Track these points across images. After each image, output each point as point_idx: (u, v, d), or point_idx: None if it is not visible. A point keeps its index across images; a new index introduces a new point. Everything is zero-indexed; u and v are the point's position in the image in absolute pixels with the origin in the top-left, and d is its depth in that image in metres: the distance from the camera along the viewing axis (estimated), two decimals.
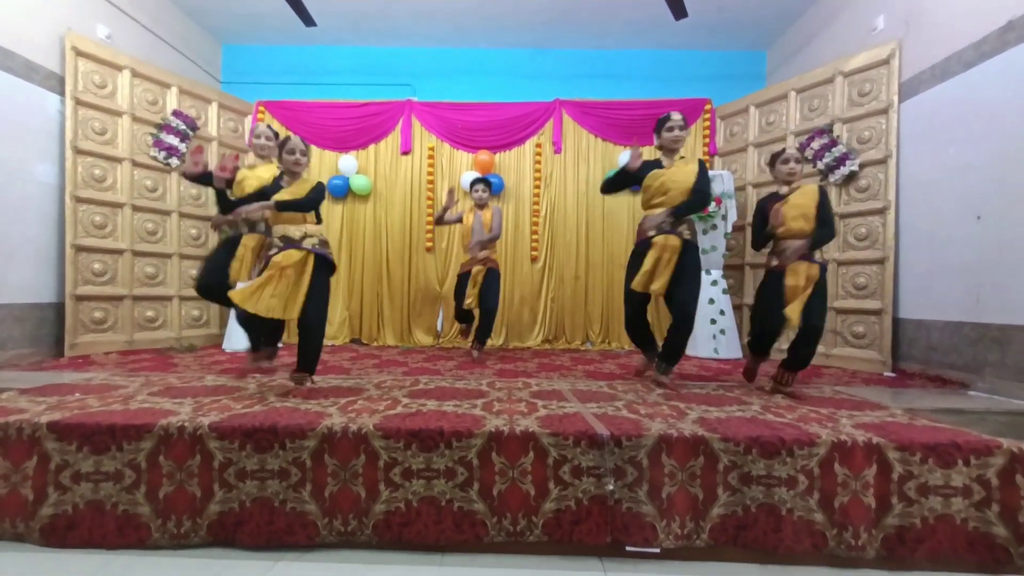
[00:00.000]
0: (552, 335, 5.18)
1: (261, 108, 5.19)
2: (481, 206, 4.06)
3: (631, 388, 2.82)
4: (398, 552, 1.83)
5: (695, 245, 2.87)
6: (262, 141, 2.95)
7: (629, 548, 1.78)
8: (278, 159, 2.63)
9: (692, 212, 2.83)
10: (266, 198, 2.51)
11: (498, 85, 5.53)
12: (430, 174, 5.20)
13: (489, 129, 5.19)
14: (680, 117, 2.87)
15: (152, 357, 3.87)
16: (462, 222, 4.10)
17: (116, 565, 1.75)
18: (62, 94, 3.79)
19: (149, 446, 1.90)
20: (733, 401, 2.50)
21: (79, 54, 3.87)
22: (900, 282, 3.67)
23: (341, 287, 5.11)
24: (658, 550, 1.78)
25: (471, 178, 4.95)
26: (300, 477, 1.88)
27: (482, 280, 3.89)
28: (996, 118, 2.95)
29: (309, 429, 1.90)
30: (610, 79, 5.55)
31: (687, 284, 2.77)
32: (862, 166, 3.87)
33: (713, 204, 4.30)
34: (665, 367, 2.90)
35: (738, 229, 4.73)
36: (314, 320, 2.51)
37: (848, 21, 4.32)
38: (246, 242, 2.84)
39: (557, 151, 5.21)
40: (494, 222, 3.95)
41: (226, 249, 2.83)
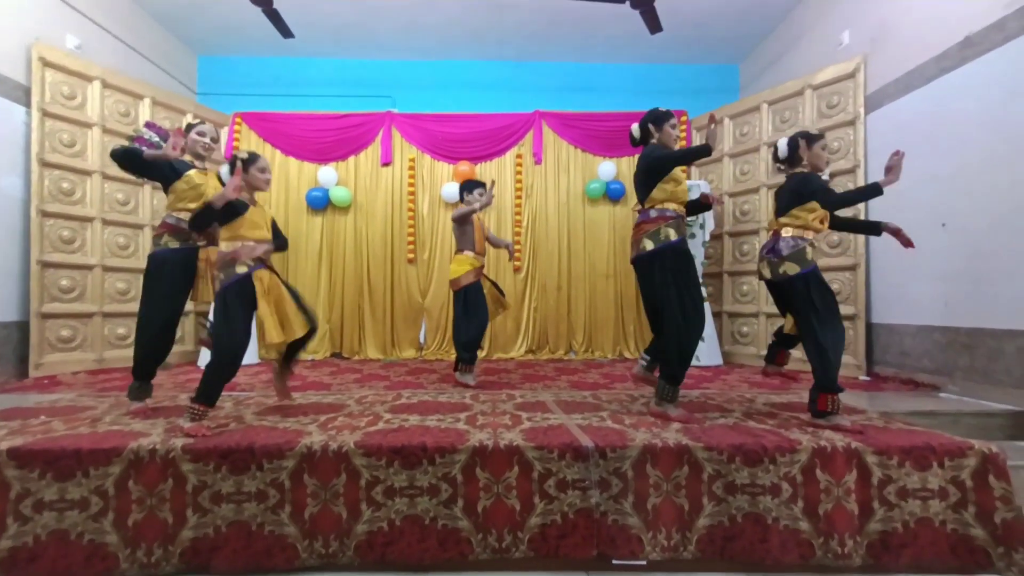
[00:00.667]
0: (535, 345, 5.17)
1: (238, 120, 5.11)
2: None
3: (615, 398, 2.82)
4: (381, 573, 1.78)
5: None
6: (206, 140, 2.62)
7: (616, 561, 1.77)
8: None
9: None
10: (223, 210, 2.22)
11: (479, 97, 5.56)
12: (411, 185, 5.17)
13: (470, 140, 5.20)
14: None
15: (123, 376, 3.72)
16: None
17: None
18: (28, 105, 3.68)
19: (118, 471, 1.82)
20: (715, 409, 2.53)
21: (46, 64, 3.76)
22: (872, 288, 3.77)
23: (321, 300, 5.02)
24: (645, 563, 1.77)
25: (452, 190, 4.97)
26: (279, 498, 1.82)
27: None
28: (959, 130, 3.08)
29: (288, 448, 1.85)
30: (589, 91, 5.64)
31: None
32: (832, 175, 3.98)
33: None
34: (671, 391, 2.38)
35: (715, 238, 4.81)
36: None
37: (816, 37, 4.48)
38: (205, 256, 2.59)
39: (538, 162, 5.25)
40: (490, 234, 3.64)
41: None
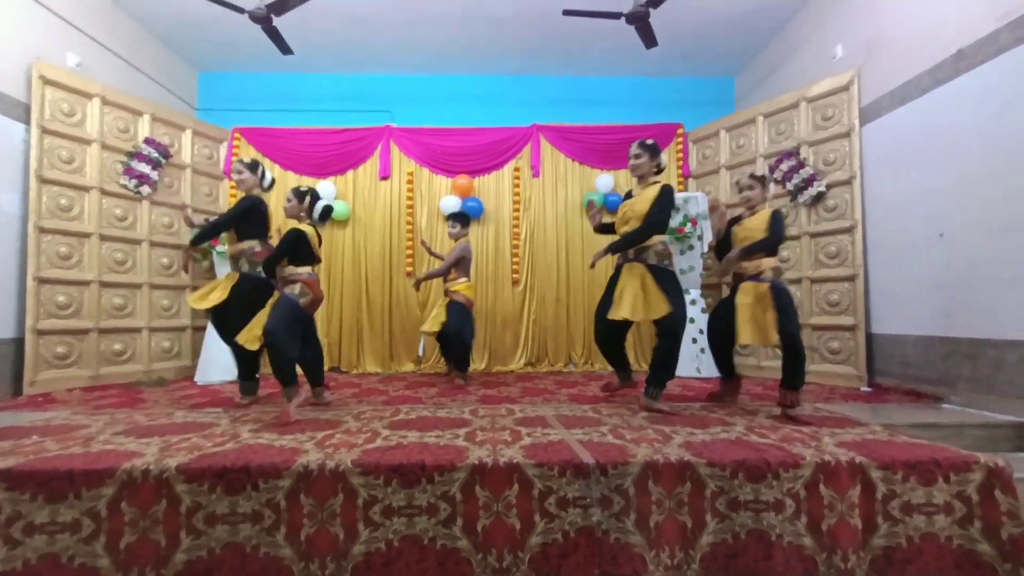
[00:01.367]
0: (535, 358, 5.14)
1: (237, 135, 5.14)
2: (456, 240, 4.13)
3: (615, 412, 2.80)
4: None
5: (664, 268, 2.80)
6: (235, 177, 3.08)
7: None
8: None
9: (636, 240, 2.78)
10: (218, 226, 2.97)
11: (477, 111, 5.60)
12: (409, 199, 5.19)
13: (468, 154, 5.23)
14: (635, 147, 2.86)
15: (119, 392, 3.70)
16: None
17: None
18: (28, 123, 3.69)
19: (110, 492, 1.79)
20: (717, 422, 2.50)
21: (47, 82, 3.78)
22: (872, 299, 3.76)
23: (319, 313, 4.99)
24: None
25: (450, 203, 4.99)
26: (274, 519, 1.79)
27: (443, 311, 4.02)
28: (953, 142, 3.10)
29: (284, 468, 1.82)
30: (586, 105, 5.68)
31: (669, 304, 2.70)
32: (829, 187, 4.01)
33: (689, 225, 4.38)
34: (652, 390, 2.79)
35: (714, 249, 4.81)
36: (269, 331, 2.57)
37: (811, 50, 4.53)
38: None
39: (535, 175, 5.27)
40: (448, 257, 4.02)
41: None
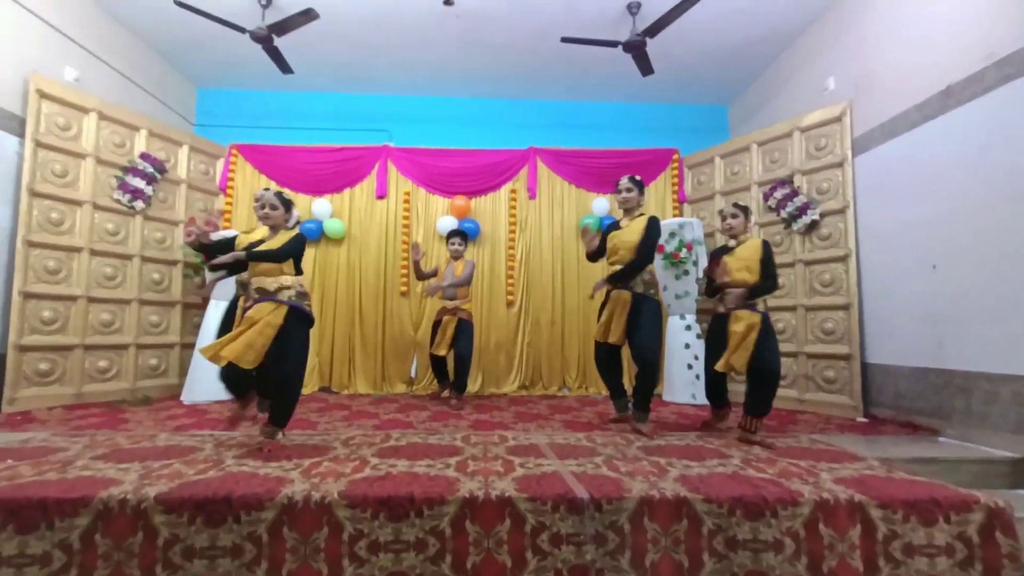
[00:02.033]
0: (529, 381, 5.08)
1: (235, 151, 5.14)
2: (456, 258, 4.16)
3: (610, 441, 2.75)
4: None
5: (648, 296, 3.02)
6: (266, 211, 2.60)
7: None
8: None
9: (634, 272, 3.01)
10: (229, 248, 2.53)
11: (474, 133, 5.65)
12: (405, 219, 5.18)
13: (465, 175, 5.25)
14: (626, 180, 3.15)
15: (101, 412, 3.60)
16: (437, 274, 4.19)
17: None
18: (22, 136, 3.67)
19: (85, 523, 1.72)
20: (713, 454, 2.46)
21: (43, 96, 3.77)
22: (866, 328, 3.77)
23: (312, 332, 4.92)
24: None
25: (447, 224, 4.99)
26: (255, 554, 1.72)
27: (452, 330, 3.97)
28: (941, 176, 3.14)
29: (267, 499, 1.76)
30: (582, 129, 5.75)
31: (642, 332, 2.94)
32: (823, 215, 4.04)
33: (685, 250, 4.40)
34: (639, 415, 3.00)
35: (706, 276, 4.83)
36: (291, 374, 2.44)
37: (803, 81, 4.63)
38: (241, 304, 2.72)
39: (532, 197, 5.30)
40: (464, 272, 4.03)
41: (226, 324, 2.72)
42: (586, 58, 4.85)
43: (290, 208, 2.66)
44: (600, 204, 5.18)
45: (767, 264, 2.82)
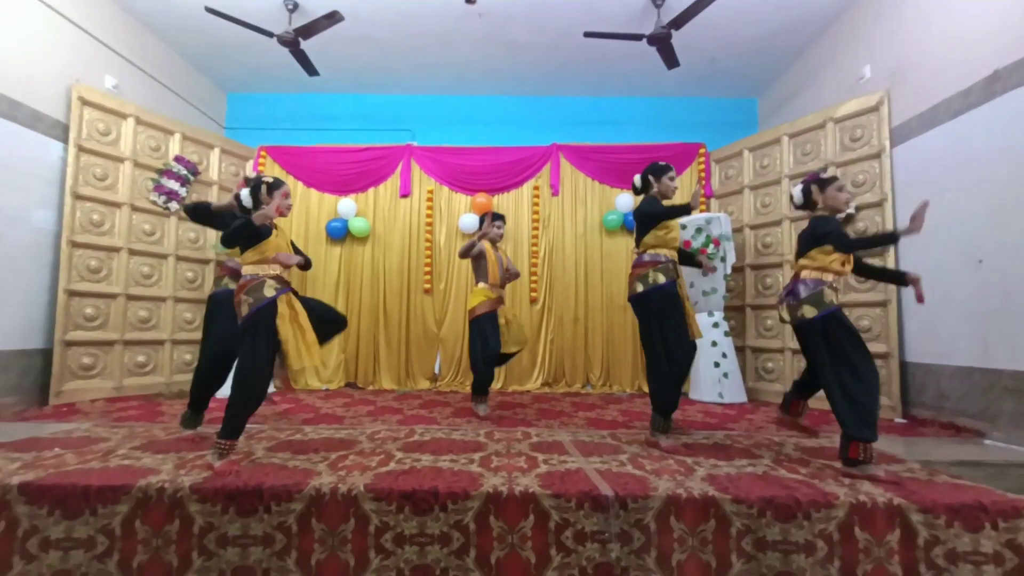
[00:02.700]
0: (552, 378, 5.06)
1: (263, 153, 5.27)
2: (496, 242, 3.71)
3: (635, 439, 2.71)
4: None
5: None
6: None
7: None
8: None
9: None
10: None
11: (497, 131, 5.65)
12: (428, 217, 5.22)
13: (487, 172, 5.26)
14: (637, 179, 2.93)
15: (139, 405, 3.75)
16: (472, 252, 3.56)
17: None
18: (65, 142, 3.84)
19: (125, 510, 1.79)
20: (742, 454, 2.40)
21: (85, 103, 3.94)
22: (905, 326, 3.61)
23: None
24: None
25: (469, 221, 5.00)
26: (285, 543, 1.76)
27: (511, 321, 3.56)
28: (988, 167, 2.98)
29: (296, 491, 1.80)
30: (606, 125, 5.69)
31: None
32: (858, 209, 3.89)
33: (712, 246, 4.30)
34: (662, 423, 2.55)
35: (737, 270, 4.72)
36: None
37: (836, 71, 4.46)
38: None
39: (555, 193, 5.27)
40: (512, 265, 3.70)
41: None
42: (609, 53, 4.79)
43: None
44: (624, 200, 5.11)
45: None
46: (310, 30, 4.06)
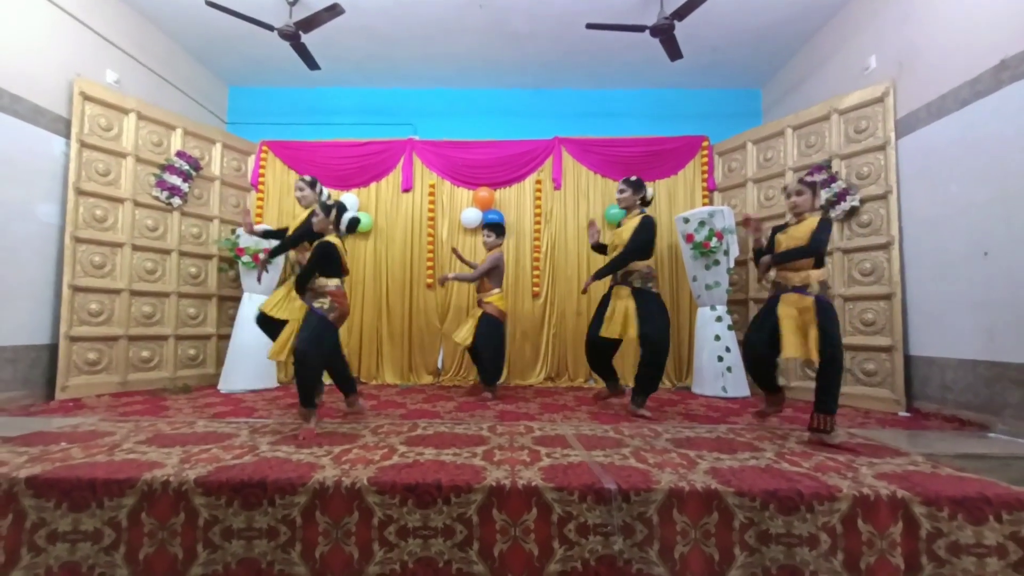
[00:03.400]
0: (554, 372, 5.07)
1: (264, 148, 5.26)
2: (489, 250, 4.13)
3: (637, 432, 2.72)
4: None
5: (647, 290, 3.22)
6: (296, 194, 3.30)
7: None
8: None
9: (618, 266, 3.25)
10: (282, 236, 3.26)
11: (499, 124, 5.62)
12: (431, 211, 5.22)
13: (490, 166, 5.24)
14: (620, 183, 3.39)
15: (144, 399, 3.77)
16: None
17: None
18: (67, 137, 3.84)
19: (131, 503, 1.80)
20: (745, 447, 2.40)
21: (87, 98, 3.94)
22: (909, 319, 3.59)
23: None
24: None
25: (471, 215, 5.00)
26: (289, 536, 1.77)
27: (475, 323, 4.01)
28: (996, 156, 2.95)
29: (300, 484, 1.81)
30: (608, 117, 5.65)
31: (648, 322, 3.13)
32: (863, 201, 3.86)
33: (715, 239, 4.29)
34: (639, 400, 3.23)
35: (740, 264, 4.70)
36: (298, 357, 2.57)
37: (841, 61, 4.41)
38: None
39: (557, 187, 5.25)
40: (481, 266, 4.03)
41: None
42: (612, 44, 4.75)
43: (314, 186, 3.17)
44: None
45: (814, 235, 2.54)
46: (311, 23, 4.03)
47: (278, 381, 4.56)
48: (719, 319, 4.29)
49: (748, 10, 4.38)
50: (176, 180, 4.45)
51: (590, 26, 4.09)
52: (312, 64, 4.58)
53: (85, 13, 4.00)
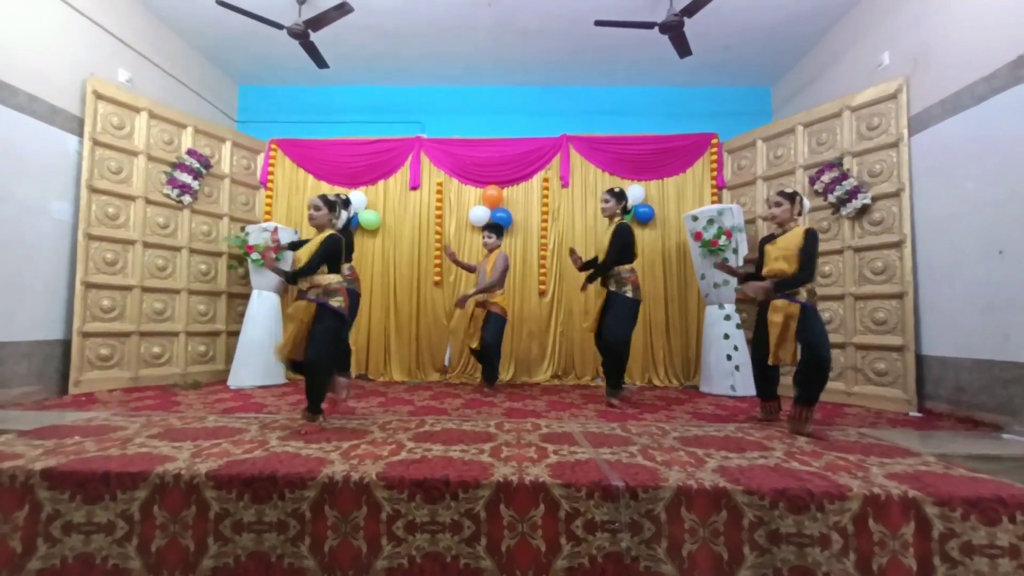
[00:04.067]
0: (561, 370, 5.07)
1: (274, 146, 5.30)
2: (490, 251, 4.17)
3: (645, 431, 2.71)
4: None
5: (618, 293, 3.50)
6: (310, 212, 2.84)
7: None
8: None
9: (601, 271, 3.57)
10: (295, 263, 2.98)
11: (507, 122, 5.62)
12: (438, 209, 5.23)
13: (497, 164, 5.24)
14: (604, 192, 3.70)
15: (156, 395, 3.82)
16: (475, 270, 4.33)
17: None
18: (81, 135, 3.89)
19: (144, 495, 1.83)
20: (754, 446, 2.38)
21: (99, 97, 3.98)
22: (921, 318, 3.55)
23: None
24: None
25: (479, 214, 5.00)
26: (299, 530, 1.79)
27: (482, 322, 4.03)
28: (1013, 153, 2.90)
29: (309, 478, 1.82)
30: (616, 115, 5.63)
31: (608, 324, 3.48)
32: (875, 199, 3.82)
33: (723, 237, 4.26)
34: (612, 392, 3.53)
35: (749, 262, 4.65)
36: (312, 360, 2.59)
37: (853, 58, 4.36)
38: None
39: (565, 185, 5.24)
40: (494, 272, 4.05)
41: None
42: (620, 42, 4.73)
43: (335, 207, 2.85)
44: (635, 192, 5.07)
45: (805, 253, 2.68)
46: (320, 22, 4.05)
47: (286, 377, 4.59)
48: (727, 317, 4.27)
49: (759, 7, 4.34)
50: (187, 178, 4.49)
51: (599, 23, 4.07)
52: (321, 62, 4.60)
53: (98, 13, 4.05)
